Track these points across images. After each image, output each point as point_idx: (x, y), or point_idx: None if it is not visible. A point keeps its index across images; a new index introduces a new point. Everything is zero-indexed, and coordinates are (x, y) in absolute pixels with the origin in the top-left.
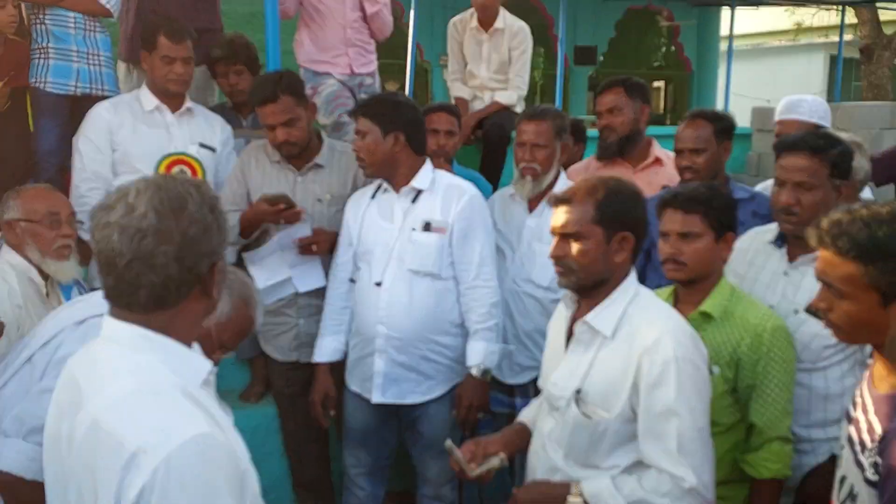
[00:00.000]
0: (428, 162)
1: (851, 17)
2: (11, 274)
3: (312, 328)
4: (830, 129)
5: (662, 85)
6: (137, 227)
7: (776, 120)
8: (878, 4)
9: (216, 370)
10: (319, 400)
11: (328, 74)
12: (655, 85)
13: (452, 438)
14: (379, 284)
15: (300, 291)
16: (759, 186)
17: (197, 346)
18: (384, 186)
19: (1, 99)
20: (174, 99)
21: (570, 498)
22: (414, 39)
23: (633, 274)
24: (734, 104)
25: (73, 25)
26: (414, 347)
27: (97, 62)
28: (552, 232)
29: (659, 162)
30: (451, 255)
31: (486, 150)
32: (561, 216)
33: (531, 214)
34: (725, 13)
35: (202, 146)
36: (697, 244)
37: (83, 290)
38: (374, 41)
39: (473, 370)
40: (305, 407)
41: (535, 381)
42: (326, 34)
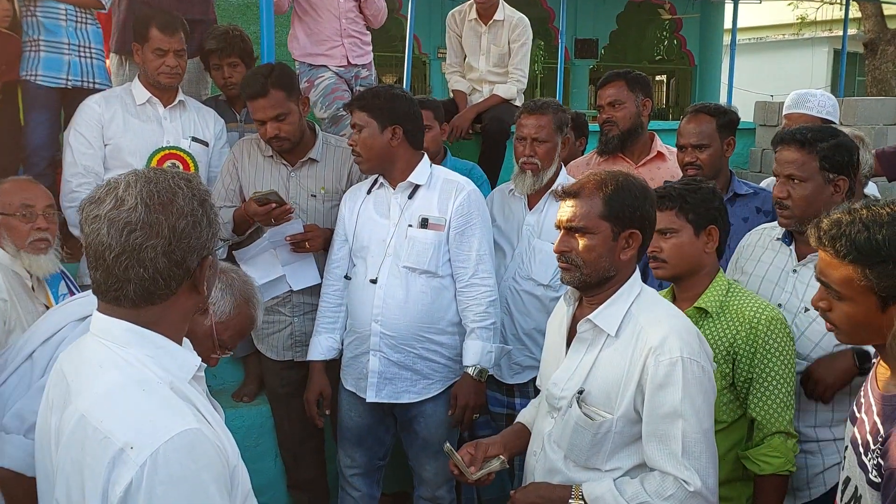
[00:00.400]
0: (425, 157)
1: (855, 11)
2: None
3: (307, 327)
4: (837, 124)
5: (665, 79)
6: (126, 220)
7: (784, 114)
8: None
9: (205, 366)
10: (314, 399)
11: (324, 67)
12: (658, 79)
13: (449, 439)
14: (374, 281)
15: (294, 289)
16: (763, 183)
17: (187, 342)
18: (381, 181)
19: None
20: (166, 92)
21: (570, 501)
22: (411, 31)
23: (637, 272)
24: (737, 99)
25: (64, 17)
26: (409, 346)
27: (88, 55)
28: (557, 226)
29: (661, 157)
30: (448, 252)
31: (485, 144)
32: (568, 210)
33: (531, 211)
34: (728, 6)
35: (195, 140)
36: (675, 240)
37: (71, 283)
38: (369, 32)
39: (470, 370)
40: (300, 406)
41: (534, 380)
42: (321, 26)
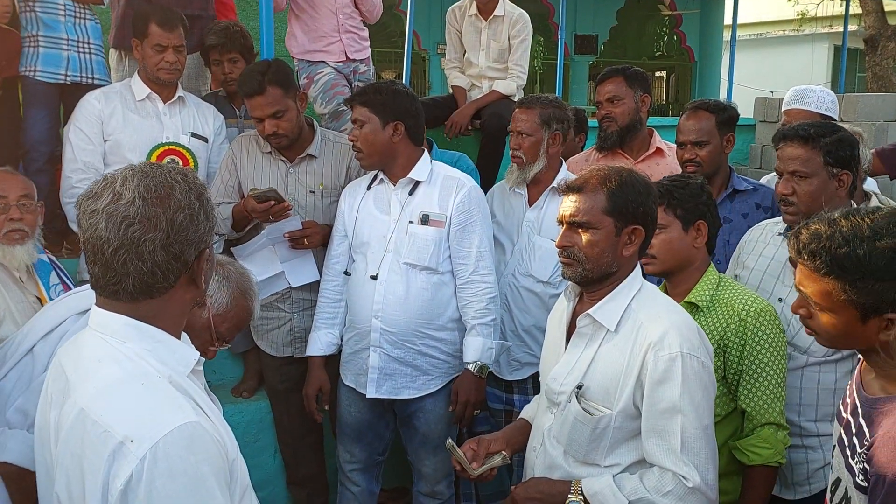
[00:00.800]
0: (426, 153)
1: (856, 7)
2: None
3: (307, 323)
4: (837, 120)
5: (664, 75)
6: (124, 214)
7: (783, 110)
8: None
9: (203, 360)
10: (313, 394)
11: (323, 63)
12: (657, 75)
13: (448, 435)
14: (374, 278)
15: (293, 286)
16: (763, 179)
17: (185, 336)
18: (381, 177)
19: None
20: (166, 88)
21: (570, 496)
22: (411, 27)
23: (638, 268)
24: (737, 95)
25: (62, 13)
26: (409, 342)
27: (87, 50)
28: (560, 221)
29: (660, 153)
30: (448, 248)
31: (484, 140)
32: (571, 205)
33: (531, 207)
34: (728, 2)
35: (194, 136)
36: (664, 235)
37: (62, 272)
38: (366, 27)
39: (471, 366)
40: (299, 402)
41: (533, 377)
42: (319, 23)
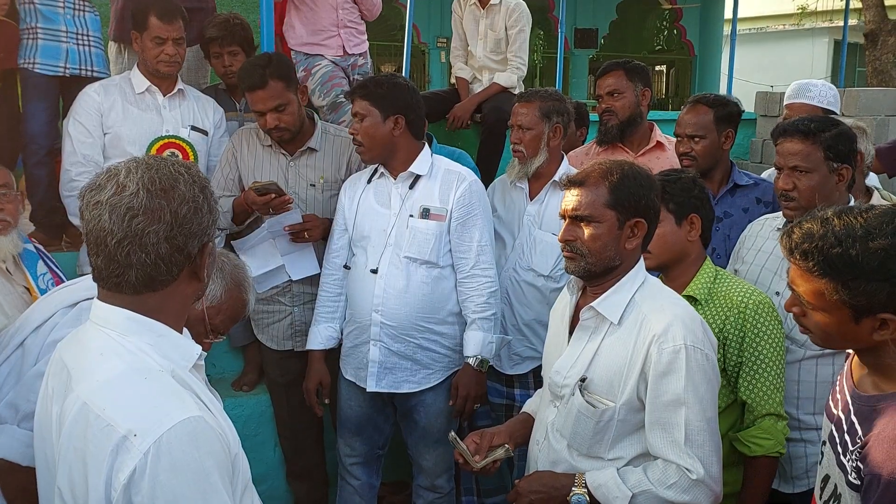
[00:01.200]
0: (427, 147)
1: (856, 1)
2: None
3: (307, 316)
4: (838, 114)
5: (664, 69)
6: (128, 205)
7: (785, 104)
8: None
9: (206, 354)
10: (313, 388)
11: (321, 56)
12: (657, 69)
13: (449, 429)
14: (375, 271)
15: (294, 279)
16: (764, 173)
17: (186, 330)
18: (381, 171)
19: None
20: (165, 81)
21: (573, 489)
22: (410, 20)
23: (641, 261)
24: (737, 89)
25: (62, 5)
26: (409, 336)
27: (86, 42)
28: (562, 215)
29: (660, 147)
30: (448, 242)
31: (484, 133)
32: (573, 199)
33: (532, 201)
34: None
35: (194, 129)
36: (658, 230)
37: (49, 261)
38: (364, 21)
39: (471, 360)
40: (299, 396)
41: (534, 371)
42: (318, 16)
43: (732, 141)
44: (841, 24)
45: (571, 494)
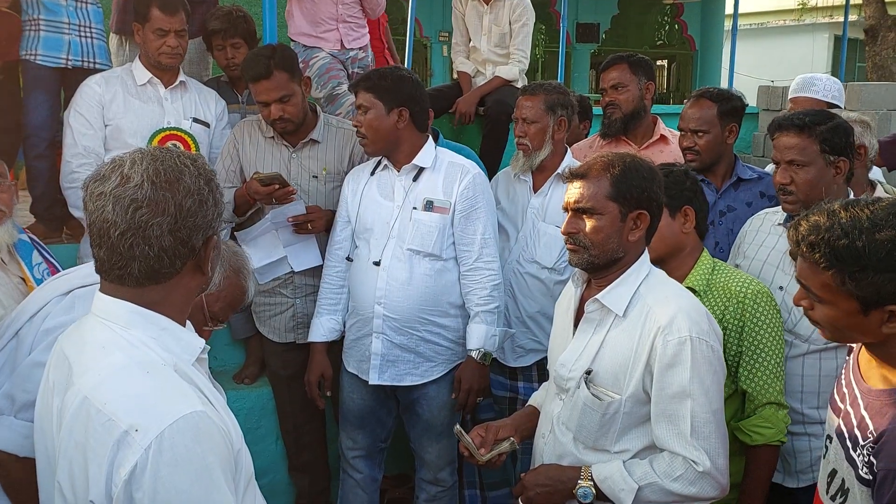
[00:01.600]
0: (430, 139)
1: None
2: None
3: (309, 308)
4: (843, 108)
5: (665, 64)
6: (132, 197)
7: (789, 98)
8: None
9: (209, 348)
10: (315, 380)
11: (318, 48)
12: (658, 64)
13: (451, 422)
14: (377, 264)
15: (296, 271)
16: (769, 167)
17: (189, 324)
18: (384, 163)
19: None
20: (167, 73)
21: (580, 482)
22: (412, 15)
23: (646, 253)
24: (738, 84)
25: None
26: (412, 328)
27: (88, 34)
28: (565, 207)
29: (664, 140)
30: (452, 235)
31: (487, 127)
32: (575, 191)
33: (536, 194)
34: None
35: (196, 121)
36: None
37: (44, 251)
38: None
39: (474, 353)
40: (302, 388)
41: (538, 364)
42: (318, 8)
43: (736, 135)
44: (841, 19)
45: (577, 487)
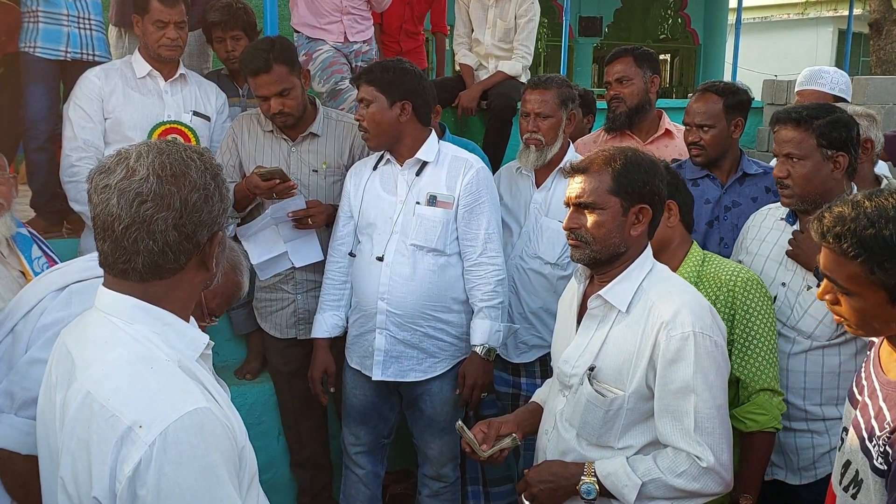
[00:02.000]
0: (433, 133)
1: None
2: None
3: (311, 304)
4: (850, 102)
5: (668, 58)
6: (137, 190)
7: (796, 91)
8: None
9: (213, 344)
10: (318, 376)
11: (322, 41)
12: (661, 58)
13: (454, 418)
14: (380, 259)
15: (297, 266)
16: (772, 162)
17: (193, 320)
18: (387, 157)
19: None
20: (167, 65)
21: (583, 478)
22: None
23: (648, 248)
24: (741, 78)
25: None
26: (415, 324)
27: (88, 26)
28: (566, 203)
29: (669, 134)
30: (455, 230)
31: (490, 121)
32: (576, 186)
33: (539, 189)
34: None
35: (196, 114)
36: None
37: (43, 244)
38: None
39: (478, 349)
40: (303, 384)
41: (541, 360)
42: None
43: (742, 129)
44: (845, 13)
45: (581, 484)
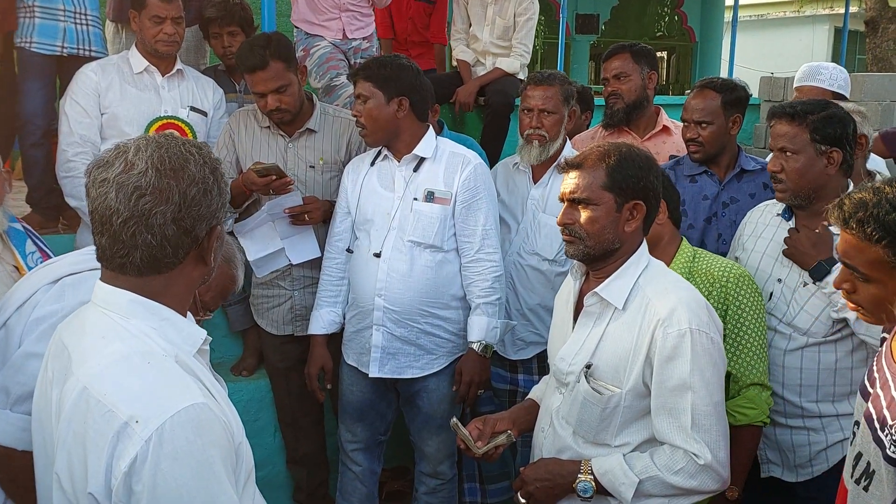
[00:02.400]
0: (431, 129)
1: None
2: None
3: (308, 301)
4: (849, 98)
5: (665, 55)
6: (136, 184)
7: (795, 87)
8: None
9: (210, 339)
10: (315, 373)
11: (320, 37)
12: (658, 55)
13: (451, 415)
14: (378, 255)
15: (294, 263)
16: (770, 157)
17: (191, 315)
18: (384, 153)
19: None
20: (164, 60)
21: (579, 476)
22: None
23: (644, 245)
24: (738, 76)
25: None
26: (413, 321)
27: (84, 21)
28: (561, 198)
29: (667, 131)
30: (453, 226)
31: (488, 117)
32: (570, 182)
33: (536, 185)
34: None
35: (193, 110)
36: None
37: (37, 239)
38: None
39: (475, 346)
40: (300, 381)
41: (538, 357)
42: None
43: (740, 126)
44: (841, 11)
45: (577, 482)
